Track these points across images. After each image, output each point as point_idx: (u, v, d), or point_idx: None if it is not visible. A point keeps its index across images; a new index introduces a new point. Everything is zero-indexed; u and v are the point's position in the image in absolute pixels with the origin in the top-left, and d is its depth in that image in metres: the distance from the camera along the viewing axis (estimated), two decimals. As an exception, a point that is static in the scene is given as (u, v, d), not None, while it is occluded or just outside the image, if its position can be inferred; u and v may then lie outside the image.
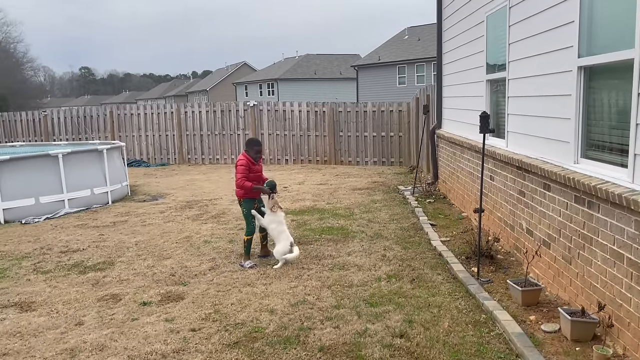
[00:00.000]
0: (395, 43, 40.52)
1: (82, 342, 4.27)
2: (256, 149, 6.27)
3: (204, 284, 5.61)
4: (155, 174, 14.81)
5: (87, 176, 9.94)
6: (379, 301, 4.95)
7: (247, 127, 16.49)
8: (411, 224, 7.93)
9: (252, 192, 6.27)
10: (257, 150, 6.28)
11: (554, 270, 4.88)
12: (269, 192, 6.31)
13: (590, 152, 4.43)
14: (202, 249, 6.93)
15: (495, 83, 7.00)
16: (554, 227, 4.86)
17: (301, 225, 8.02)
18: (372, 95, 36.34)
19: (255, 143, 6.33)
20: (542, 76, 5.25)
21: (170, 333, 4.40)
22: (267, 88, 53.16)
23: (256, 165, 6.31)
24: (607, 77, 4.23)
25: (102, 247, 7.16)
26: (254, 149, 6.26)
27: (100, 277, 5.92)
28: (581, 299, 4.32)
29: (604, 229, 3.93)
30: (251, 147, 6.27)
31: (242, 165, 6.18)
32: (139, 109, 17.34)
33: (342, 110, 15.79)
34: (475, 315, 4.56)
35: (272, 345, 4.11)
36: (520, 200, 5.76)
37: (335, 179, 12.91)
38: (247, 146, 6.32)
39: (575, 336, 3.93)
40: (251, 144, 6.31)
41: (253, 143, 6.32)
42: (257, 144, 6.33)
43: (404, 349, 3.98)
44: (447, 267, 5.83)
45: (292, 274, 5.81)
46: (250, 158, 6.24)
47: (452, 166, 9.31)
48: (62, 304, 5.15)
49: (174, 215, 9.08)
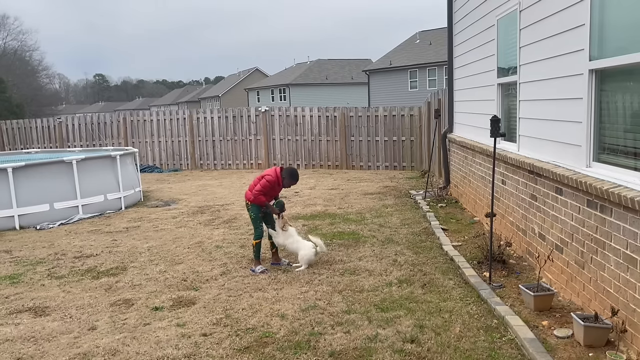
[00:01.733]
0: (407, 47, 40.48)
1: (94, 347, 4.31)
2: (292, 182, 6.34)
3: (216, 289, 5.64)
4: (168, 180, 14.93)
5: (100, 182, 10.05)
6: (390, 306, 4.93)
7: (259, 133, 16.57)
8: (423, 228, 7.90)
9: (262, 201, 6.28)
10: (292, 183, 6.35)
11: (567, 275, 4.84)
12: (278, 212, 6.38)
13: (602, 156, 4.39)
14: (214, 254, 6.97)
15: (506, 87, 6.97)
16: (566, 232, 4.81)
17: (312, 230, 8.03)
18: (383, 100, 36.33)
19: (295, 177, 6.36)
20: (553, 79, 5.21)
21: (182, 338, 4.42)
22: (279, 93, 53.38)
23: (280, 187, 6.36)
24: (619, 80, 4.19)
25: (115, 253, 7.23)
26: (291, 181, 6.32)
27: (113, 282, 5.98)
28: (594, 304, 4.27)
29: (617, 233, 3.88)
30: (290, 178, 6.30)
31: (268, 181, 6.19)
32: (151, 115, 17.52)
33: (354, 114, 15.81)
34: (486, 321, 4.53)
35: (283, 350, 4.12)
36: (532, 205, 5.72)
37: (347, 184, 12.91)
38: (287, 174, 6.29)
39: (588, 342, 3.89)
40: (292, 176, 6.32)
41: (294, 176, 6.34)
42: (296, 178, 6.36)
43: (415, 354, 3.96)
44: (459, 272, 5.79)
45: (303, 279, 5.82)
46: (281, 180, 6.26)
47: (463, 170, 9.26)
48: (75, 309, 5.21)
49: (186, 221, 9.14)
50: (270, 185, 6.21)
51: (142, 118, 17.51)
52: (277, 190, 6.40)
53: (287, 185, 6.35)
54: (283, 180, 6.26)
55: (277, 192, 6.43)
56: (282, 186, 6.31)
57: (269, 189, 6.22)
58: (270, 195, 6.36)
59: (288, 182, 6.30)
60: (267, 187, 6.19)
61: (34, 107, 45.91)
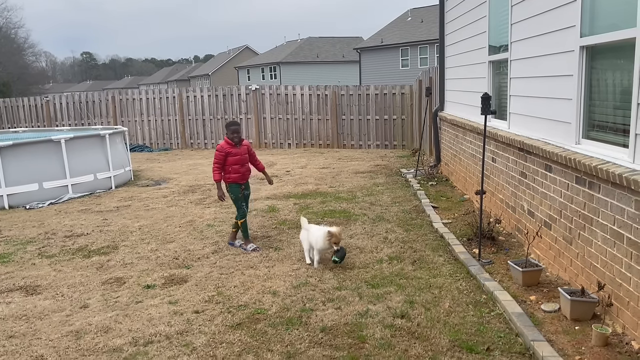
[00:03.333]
0: (398, 25, 40.16)
1: (87, 325, 4.33)
2: (232, 129, 6.09)
3: (207, 266, 5.66)
4: (158, 159, 14.84)
5: (90, 161, 9.97)
6: (381, 282, 4.98)
7: (250, 112, 16.46)
8: (413, 206, 7.94)
9: (237, 176, 6.17)
10: (233, 130, 6.09)
11: (555, 251, 4.90)
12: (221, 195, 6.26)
13: (591, 133, 4.42)
14: (205, 232, 6.98)
15: (497, 64, 6.95)
16: (555, 208, 4.86)
17: (303, 209, 8.05)
18: (375, 78, 36.14)
19: (231, 123, 6.18)
20: (544, 57, 5.21)
21: (174, 315, 4.45)
22: (270, 72, 52.91)
23: (237, 148, 6.13)
24: (609, 56, 4.20)
25: (105, 232, 7.22)
26: (229, 128, 6.10)
27: (104, 261, 5.98)
28: (581, 279, 4.34)
29: (604, 209, 3.93)
30: (228, 127, 6.13)
31: (218, 150, 6.09)
32: (140, 94, 17.32)
33: (345, 93, 15.73)
34: (475, 296, 4.60)
35: (275, 326, 4.16)
36: (521, 182, 5.76)
37: (338, 163, 12.91)
38: (225, 129, 6.23)
39: (575, 315, 3.96)
40: (229, 124, 6.17)
41: (229, 124, 6.18)
42: (232, 123, 6.16)
43: (405, 329, 4.02)
44: (449, 249, 5.85)
45: (294, 257, 5.85)
46: (229, 141, 6.10)
47: (454, 149, 9.29)
48: (67, 288, 5.21)
49: (177, 200, 9.12)
50: (221, 154, 6.06)
51: (131, 97, 17.31)
52: (238, 153, 6.14)
53: (232, 136, 6.06)
54: (227, 136, 6.10)
55: (240, 154, 6.17)
56: (234, 143, 6.09)
57: (222, 158, 6.07)
58: (238, 163, 6.15)
59: (229, 132, 6.09)
60: (219, 157, 6.06)
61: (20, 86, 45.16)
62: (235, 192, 6.22)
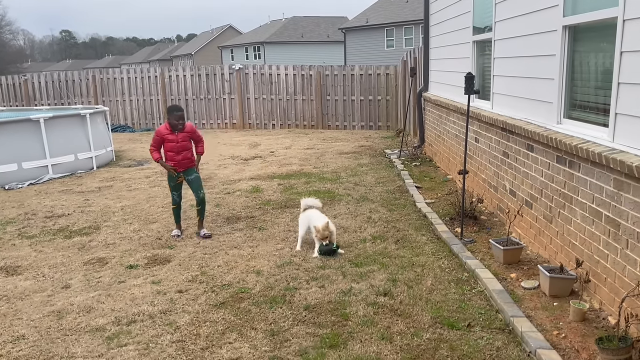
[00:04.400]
0: (384, 5, 39.83)
1: (69, 305, 4.30)
2: (176, 115, 5.63)
3: (191, 247, 5.64)
4: (141, 139, 14.65)
5: (70, 141, 9.81)
6: (364, 261, 5.02)
7: (233, 91, 16.29)
8: (397, 186, 7.98)
9: (172, 164, 5.79)
10: (177, 116, 5.63)
11: (535, 230, 4.97)
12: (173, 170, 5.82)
13: (573, 112, 4.46)
14: (189, 212, 6.93)
15: (481, 44, 6.95)
16: (536, 187, 4.92)
17: (288, 189, 8.04)
18: (360, 59, 35.93)
19: (175, 109, 5.69)
20: (527, 36, 5.21)
21: (157, 295, 4.44)
22: (254, 51, 52.30)
23: (175, 135, 5.69)
24: (591, 36, 4.21)
25: (87, 212, 7.14)
26: (173, 114, 5.63)
27: (86, 242, 5.92)
28: (560, 256, 4.42)
29: (583, 187, 3.99)
30: (171, 112, 5.67)
31: (155, 134, 5.73)
32: (122, 73, 17.01)
33: (329, 73, 15.62)
34: (457, 274, 4.66)
35: (258, 305, 4.18)
36: (504, 162, 5.81)
37: (322, 144, 12.89)
38: (168, 112, 5.74)
39: (554, 292, 4.04)
40: (171, 109, 5.69)
41: (173, 109, 5.70)
42: (177, 109, 5.68)
43: (388, 307, 4.07)
44: (432, 228, 5.91)
45: (278, 237, 5.86)
46: (169, 126, 5.67)
47: (438, 129, 9.31)
48: (48, 268, 5.16)
49: (159, 180, 9.03)
50: (159, 136, 5.68)
51: (112, 76, 16.99)
52: (176, 140, 5.70)
53: (174, 122, 5.63)
54: (169, 121, 5.66)
55: (178, 140, 5.71)
56: (173, 128, 5.66)
57: (158, 143, 5.70)
58: (175, 150, 5.72)
59: (173, 118, 5.63)
60: (155, 140, 5.70)
61: (-3, 65, 44.09)
62: (170, 179, 5.95)
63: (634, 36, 3.41)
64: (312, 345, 3.55)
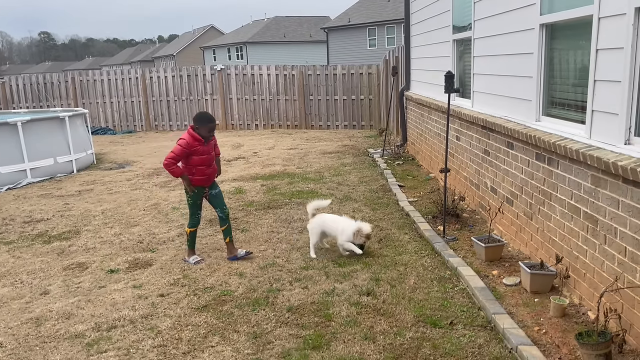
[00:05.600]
0: (365, 4, 39.91)
1: (47, 311, 4.22)
2: (210, 127, 4.91)
3: (173, 250, 5.58)
4: (122, 142, 14.49)
5: (49, 145, 9.65)
6: (347, 261, 5.01)
7: (215, 92, 16.18)
8: (380, 185, 7.99)
9: (203, 179, 5.06)
10: (210, 128, 4.91)
11: (516, 226, 5.02)
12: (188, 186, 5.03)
13: (551, 110, 4.50)
14: (170, 215, 6.87)
15: (461, 43, 6.99)
16: (516, 185, 4.96)
17: (271, 190, 8.01)
18: (342, 58, 35.98)
19: (208, 119, 4.94)
20: (505, 35, 5.25)
21: (139, 299, 4.39)
22: (236, 52, 52.05)
23: (206, 146, 4.97)
24: (568, 34, 4.26)
25: (67, 217, 7.03)
26: (208, 126, 4.89)
27: (65, 247, 5.83)
28: (541, 252, 4.46)
29: (562, 184, 4.03)
30: (204, 124, 4.87)
31: (182, 145, 4.81)
32: (102, 75, 16.80)
33: (312, 73, 15.60)
34: (440, 272, 4.67)
35: (241, 307, 4.15)
36: (485, 160, 5.85)
37: (306, 144, 12.87)
38: (197, 122, 4.88)
39: (535, 288, 4.07)
40: (204, 120, 4.90)
41: (204, 119, 4.91)
42: (209, 119, 4.95)
43: (371, 306, 4.07)
44: (414, 227, 5.92)
45: (261, 238, 5.83)
46: (199, 137, 4.88)
47: (420, 128, 9.35)
48: (26, 274, 5.07)
49: (141, 183, 8.94)
50: (188, 149, 4.83)
51: (92, 78, 16.77)
52: (206, 152, 4.97)
53: (205, 134, 4.89)
54: (199, 132, 4.87)
55: (208, 154, 4.99)
56: (204, 140, 4.91)
57: (183, 154, 4.85)
58: (204, 163, 4.99)
59: (205, 130, 4.88)
60: (179, 152, 4.82)
61: (-26, 67, 43.21)
62: (195, 197, 5.10)
63: (609, 34, 3.45)
64: (295, 347, 3.53)
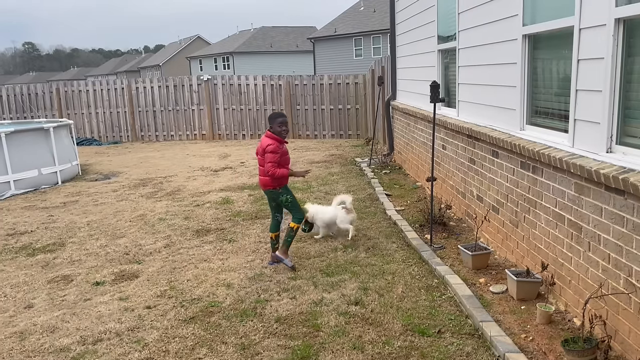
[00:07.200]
0: (352, 14, 40.23)
1: (32, 325, 4.16)
2: (280, 121, 5.07)
3: (159, 261, 5.54)
4: (107, 153, 14.38)
5: (33, 156, 9.55)
6: (335, 271, 5.01)
7: (202, 102, 16.15)
8: (367, 194, 8.02)
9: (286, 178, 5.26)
10: (280, 122, 5.08)
11: (502, 234, 5.06)
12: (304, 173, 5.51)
13: (535, 119, 4.56)
14: (157, 226, 6.82)
15: (446, 53, 7.07)
16: (502, 193, 5.01)
17: (258, 200, 7.99)
18: (329, 68, 36.13)
19: (278, 114, 5.17)
20: (489, 45, 5.33)
21: (125, 311, 4.34)
22: (223, 62, 52.03)
23: (285, 146, 5.21)
24: (550, 45, 4.33)
25: (51, 228, 6.94)
26: (277, 120, 5.07)
27: (50, 259, 5.75)
28: (527, 260, 4.50)
29: (547, 192, 4.08)
30: (274, 120, 5.10)
31: (273, 151, 4.98)
32: (87, 86, 16.69)
33: (299, 83, 15.66)
34: (427, 281, 4.69)
35: (229, 319, 4.12)
36: (470, 168, 5.90)
37: (293, 153, 12.81)
38: (270, 121, 5.14)
39: (521, 295, 4.11)
40: (272, 117, 5.15)
41: (275, 115, 5.15)
42: (279, 115, 5.18)
43: (359, 316, 4.06)
44: (402, 236, 5.95)
45: (249, 248, 5.81)
46: (277, 136, 5.08)
47: (406, 137, 9.42)
48: (10, 288, 4.99)
49: (127, 194, 8.87)
50: (280, 152, 5.06)
51: (77, 88, 16.66)
52: (287, 155, 5.24)
53: (278, 129, 5.07)
54: (273, 130, 5.09)
55: (287, 153, 5.24)
56: (284, 140, 5.15)
57: (278, 157, 5.04)
58: (286, 162, 5.22)
59: (277, 124, 5.07)
60: (274, 158, 5.01)
61: (-44, 78, 42.69)
62: (291, 192, 5.29)
63: (589, 44, 3.52)
64: (284, 358, 3.51)
